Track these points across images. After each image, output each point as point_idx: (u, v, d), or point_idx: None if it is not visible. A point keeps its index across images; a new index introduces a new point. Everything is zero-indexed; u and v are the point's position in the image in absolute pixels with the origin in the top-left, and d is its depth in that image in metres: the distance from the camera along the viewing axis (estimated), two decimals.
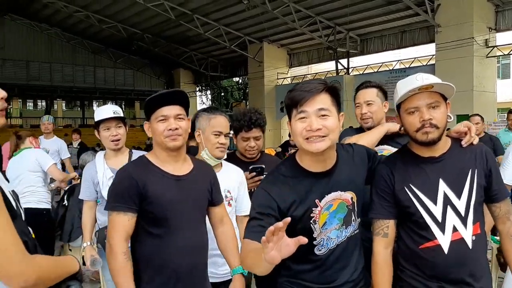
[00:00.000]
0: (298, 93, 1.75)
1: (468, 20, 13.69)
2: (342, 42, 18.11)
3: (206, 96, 32.26)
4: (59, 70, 25.59)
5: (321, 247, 1.84)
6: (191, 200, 2.11)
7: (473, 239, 1.84)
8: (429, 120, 1.82)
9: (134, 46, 23.77)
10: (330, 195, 1.83)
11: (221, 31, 19.52)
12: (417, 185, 1.89)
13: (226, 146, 2.57)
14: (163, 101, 2.08)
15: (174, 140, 2.07)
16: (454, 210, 1.85)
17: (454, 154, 1.92)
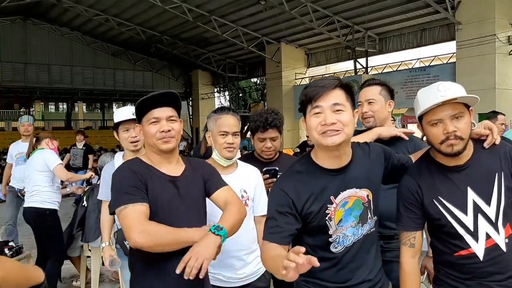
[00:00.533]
0: (313, 89, 1.77)
1: (490, 17, 13.41)
2: (360, 41, 17.95)
3: (224, 97, 32.38)
4: (79, 73, 25.93)
5: (337, 245, 1.84)
6: (187, 200, 2.07)
7: (506, 241, 1.85)
8: (454, 132, 1.79)
9: (153, 48, 23.97)
10: (346, 192, 1.83)
11: (239, 32, 19.55)
12: (446, 197, 1.87)
13: (235, 146, 2.54)
14: (154, 103, 2.05)
15: (166, 142, 2.05)
16: (485, 217, 1.85)
17: (478, 158, 1.89)
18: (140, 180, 1.98)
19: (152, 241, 1.86)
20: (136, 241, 1.85)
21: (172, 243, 1.91)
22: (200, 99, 26.91)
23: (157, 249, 1.90)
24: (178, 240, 1.92)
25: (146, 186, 1.98)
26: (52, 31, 24.63)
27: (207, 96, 27.30)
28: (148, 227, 1.87)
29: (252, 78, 28.27)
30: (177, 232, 1.93)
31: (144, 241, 1.85)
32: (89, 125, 31.52)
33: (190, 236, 1.95)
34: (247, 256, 2.59)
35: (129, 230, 1.86)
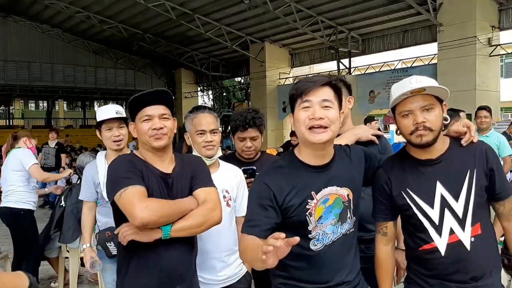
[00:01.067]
0: (303, 84, 1.82)
1: (471, 19, 13.59)
2: (343, 42, 18.04)
3: (208, 96, 32.25)
4: (60, 71, 25.58)
5: (316, 242, 1.85)
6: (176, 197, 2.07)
7: (472, 240, 1.85)
8: (423, 123, 1.82)
9: (135, 46, 23.74)
10: (327, 189, 1.86)
11: (222, 30, 19.47)
12: (413, 189, 1.90)
13: (214, 143, 2.53)
14: (147, 101, 2.08)
15: (158, 139, 2.06)
16: (452, 212, 1.86)
17: (452, 154, 1.91)
18: (137, 168, 2.03)
19: (157, 214, 1.90)
20: (142, 217, 1.87)
21: (174, 214, 1.98)
22: (183, 98, 26.74)
23: (161, 221, 1.93)
24: (178, 210, 1.99)
25: (142, 176, 2.01)
26: (33, 28, 24.24)
27: (190, 95, 27.15)
28: (150, 202, 1.92)
29: (236, 78, 28.22)
30: (176, 203, 2.01)
31: (149, 215, 1.87)
32: (70, 123, 31.13)
33: (187, 205, 2.04)
34: (228, 257, 2.55)
35: (132, 208, 1.88)
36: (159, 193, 2.04)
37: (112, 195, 1.98)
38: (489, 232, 1.91)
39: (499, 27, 14.33)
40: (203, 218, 2.03)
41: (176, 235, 1.98)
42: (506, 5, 14.28)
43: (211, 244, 2.43)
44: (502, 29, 14.44)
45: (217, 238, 2.45)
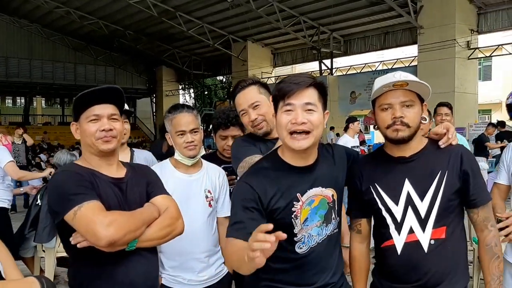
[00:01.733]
0: (287, 85, 1.73)
1: (451, 22, 13.82)
2: (326, 43, 18.13)
3: (189, 94, 32.07)
4: (38, 67, 25.16)
5: (302, 245, 1.81)
6: (132, 203, 1.90)
7: (431, 243, 1.79)
8: (400, 118, 1.78)
9: (116, 43, 23.49)
10: (312, 190, 1.81)
11: (205, 29, 19.37)
12: (381, 184, 1.86)
13: (196, 143, 2.42)
14: (95, 98, 1.86)
15: (107, 142, 1.85)
16: (415, 211, 1.81)
17: (426, 154, 1.87)
18: (87, 181, 1.81)
19: (123, 230, 1.71)
20: (107, 235, 1.67)
21: (140, 227, 1.79)
22: (164, 96, 26.55)
23: (127, 238, 1.73)
24: (143, 222, 1.82)
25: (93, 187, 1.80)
26: (11, 23, 23.78)
27: (172, 93, 26.97)
28: (112, 217, 1.71)
29: (218, 76, 28.15)
30: (140, 214, 1.83)
31: (114, 233, 1.68)
32: (48, 120, 30.58)
33: (151, 214, 1.87)
34: (209, 258, 2.51)
35: (94, 227, 1.66)
36: (116, 201, 1.85)
37: (61, 215, 1.74)
38: (456, 239, 1.83)
39: (477, 31, 14.62)
40: (169, 229, 1.91)
41: (141, 245, 1.83)
42: (485, 9, 14.56)
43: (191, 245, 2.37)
44: (481, 33, 14.74)
45: (198, 239, 2.38)
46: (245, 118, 2.36)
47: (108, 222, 1.69)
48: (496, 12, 14.52)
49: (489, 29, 14.69)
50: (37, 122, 29.61)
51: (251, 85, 2.37)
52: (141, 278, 1.88)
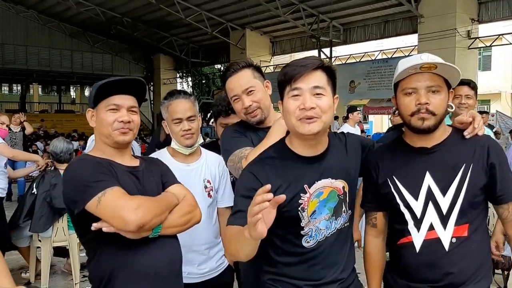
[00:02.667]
0: (293, 68, 1.62)
1: (451, 11, 13.70)
2: (325, 31, 17.98)
3: (187, 83, 31.88)
4: (35, 54, 24.92)
5: (309, 238, 1.71)
6: (148, 191, 1.85)
7: (452, 241, 1.68)
8: (426, 104, 1.65)
9: (113, 30, 23.26)
10: (321, 182, 1.70)
11: (203, 16, 19.17)
12: (400, 177, 1.74)
13: (193, 131, 2.34)
14: (118, 88, 1.82)
15: (124, 134, 1.82)
16: (436, 207, 1.69)
17: (450, 145, 1.73)
18: (106, 168, 1.77)
19: (150, 214, 1.67)
20: (137, 219, 1.63)
21: (164, 211, 1.77)
22: (162, 84, 26.39)
23: (154, 222, 1.70)
24: (167, 207, 1.79)
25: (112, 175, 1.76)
26: (6, 9, 23.48)
27: (169, 81, 26.81)
28: (139, 201, 1.68)
29: (216, 65, 27.95)
30: (163, 199, 1.81)
31: (143, 216, 1.64)
32: (45, 108, 30.39)
33: (172, 201, 1.84)
34: (209, 250, 2.44)
35: (121, 211, 1.62)
36: (135, 189, 1.81)
37: (82, 204, 1.69)
38: (479, 238, 1.72)
39: (478, 20, 14.50)
40: (189, 215, 1.88)
41: (164, 233, 1.79)
42: None
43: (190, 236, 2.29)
44: (481, 22, 14.63)
45: (197, 231, 2.28)
46: (237, 105, 2.19)
47: (136, 206, 1.65)
48: (497, 1, 14.39)
49: (490, 18, 14.58)
50: (33, 109, 29.41)
51: (244, 68, 2.19)
52: (167, 266, 1.82)
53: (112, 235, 1.67)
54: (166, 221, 1.78)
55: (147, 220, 1.66)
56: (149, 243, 1.76)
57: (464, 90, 3.21)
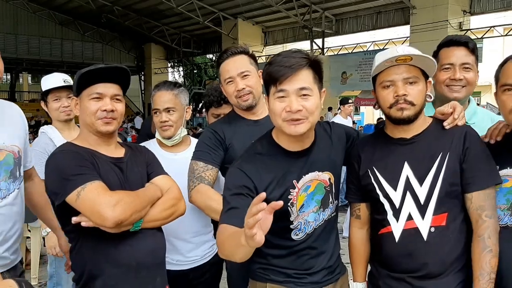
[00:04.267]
0: (277, 69, 1.61)
1: (443, 3, 13.73)
2: (317, 22, 17.95)
3: (178, 72, 31.70)
4: (24, 42, 24.61)
5: (298, 232, 1.75)
6: (132, 183, 1.85)
7: (431, 230, 1.69)
8: (404, 96, 1.66)
9: (104, 18, 23.01)
10: (308, 176, 1.73)
11: (194, 5, 19.02)
12: (380, 168, 1.77)
13: (170, 123, 2.33)
14: (100, 76, 1.80)
15: (107, 124, 1.80)
16: (414, 197, 1.71)
17: (429, 136, 1.75)
18: (87, 160, 1.75)
19: (129, 210, 1.67)
20: (115, 216, 1.62)
21: (145, 206, 1.77)
22: (153, 74, 26.22)
23: (133, 218, 1.70)
24: (148, 202, 1.79)
25: (94, 168, 1.74)
26: None
27: (161, 71, 26.64)
28: (118, 197, 1.67)
29: (208, 54, 27.80)
30: (142, 194, 1.79)
31: (121, 213, 1.64)
32: (35, 97, 30.08)
33: (154, 194, 1.84)
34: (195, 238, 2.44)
35: (99, 208, 1.62)
36: (118, 181, 1.80)
37: (62, 197, 1.68)
38: (459, 227, 1.71)
39: (470, 12, 14.55)
40: (173, 209, 1.88)
41: (145, 226, 1.79)
42: None
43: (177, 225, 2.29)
44: (473, 14, 14.69)
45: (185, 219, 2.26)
46: (230, 87, 2.19)
47: (115, 202, 1.64)
48: None
49: (482, 10, 14.64)
50: (23, 98, 29.11)
51: (242, 53, 2.20)
52: (149, 257, 1.82)
53: (92, 227, 1.67)
54: (148, 215, 1.78)
55: (125, 216, 1.65)
56: (130, 236, 1.75)
57: (457, 55, 2.10)
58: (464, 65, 2.07)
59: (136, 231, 1.77)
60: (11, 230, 1.91)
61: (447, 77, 2.07)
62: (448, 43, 2.10)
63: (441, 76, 2.09)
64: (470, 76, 2.06)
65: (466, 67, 2.07)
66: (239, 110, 2.24)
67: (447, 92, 2.08)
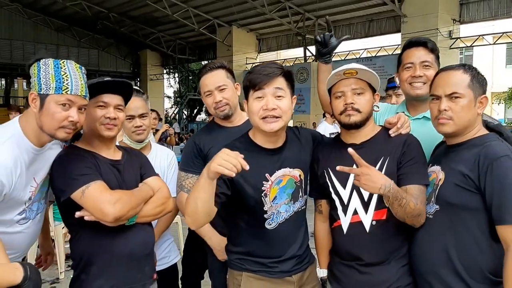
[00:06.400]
0: (256, 76, 1.89)
1: (434, 11, 13.99)
2: (311, 29, 18.16)
3: (174, 79, 31.85)
4: (20, 48, 24.61)
5: (271, 221, 1.98)
6: (128, 184, 2.07)
7: (372, 223, 1.94)
8: (351, 104, 1.93)
9: (99, 25, 23.12)
10: (280, 171, 1.98)
11: (190, 13, 19.22)
12: (333, 169, 1.99)
13: (144, 128, 2.52)
14: (106, 88, 2.02)
15: (109, 129, 2.02)
16: (359, 195, 1.97)
17: (376, 142, 2.01)
18: (90, 162, 1.97)
19: (127, 207, 1.90)
20: (114, 212, 1.85)
21: (140, 204, 2.00)
22: (148, 80, 26.33)
23: (130, 214, 1.93)
24: (142, 200, 2.02)
25: (96, 169, 1.96)
26: None
27: (156, 77, 26.76)
28: (118, 196, 1.90)
29: (203, 61, 27.93)
30: (139, 193, 2.03)
31: (120, 210, 1.86)
32: None
33: (147, 193, 2.07)
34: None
35: (101, 205, 1.84)
36: (115, 181, 2.02)
37: (68, 193, 1.88)
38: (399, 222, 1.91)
39: (459, 21, 14.82)
40: (163, 207, 2.12)
41: (139, 221, 2.03)
42: (467, 0, 14.75)
43: None
44: (463, 23, 14.95)
45: None
46: (209, 99, 2.42)
47: (115, 200, 1.87)
48: (478, 2, 14.72)
49: (471, 19, 14.90)
50: (18, 104, 29.10)
51: (219, 68, 2.45)
52: (139, 248, 2.05)
53: (92, 221, 1.89)
54: (141, 211, 2.01)
55: (123, 213, 1.88)
56: (125, 229, 1.98)
57: (417, 55, 2.23)
58: (423, 63, 2.20)
59: (131, 225, 1.99)
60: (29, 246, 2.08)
61: (409, 75, 2.22)
62: (409, 45, 2.28)
63: (403, 75, 2.25)
64: (430, 73, 2.15)
65: (426, 65, 2.20)
66: (218, 119, 2.48)
67: (410, 89, 2.23)
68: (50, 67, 1.79)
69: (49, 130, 1.79)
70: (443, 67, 1.97)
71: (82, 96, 1.82)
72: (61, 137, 1.83)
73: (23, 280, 1.47)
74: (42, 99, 1.77)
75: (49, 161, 1.97)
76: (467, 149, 1.83)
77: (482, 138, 1.84)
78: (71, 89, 1.78)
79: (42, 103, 1.77)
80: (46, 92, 1.77)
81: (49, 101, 1.77)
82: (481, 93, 1.86)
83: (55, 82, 1.77)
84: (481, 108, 1.86)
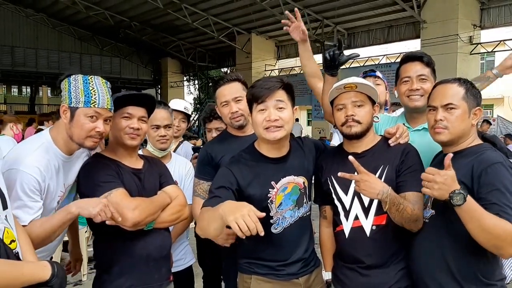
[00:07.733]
0: (259, 90, 2.01)
1: (453, 17, 13.85)
2: (329, 36, 18.17)
3: (194, 86, 32.15)
4: (44, 56, 25.22)
5: (277, 226, 2.08)
6: (148, 191, 2.20)
7: (372, 228, 2.05)
8: (352, 115, 2.04)
9: (121, 33, 23.53)
10: (285, 179, 2.09)
11: (209, 21, 19.45)
12: (336, 176, 2.09)
13: (168, 138, 2.69)
14: (131, 100, 2.16)
15: (133, 139, 2.16)
16: (360, 201, 2.07)
17: (376, 152, 2.11)
18: (114, 170, 2.11)
19: (145, 214, 2.04)
20: (134, 217, 1.99)
21: (157, 211, 2.15)
22: (169, 87, 26.68)
23: (148, 220, 2.07)
24: (160, 207, 2.16)
25: (119, 177, 2.11)
26: (16, 12, 23.82)
27: (176, 84, 27.08)
28: (137, 203, 2.03)
29: (222, 68, 28.18)
30: (157, 200, 2.17)
31: (138, 216, 2.01)
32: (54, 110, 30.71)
33: (165, 201, 2.20)
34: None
35: (122, 210, 1.96)
36: (136, 189, 2.15)
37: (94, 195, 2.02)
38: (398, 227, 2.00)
39: (480, 26, 14.62)
40: (179, 214, 2.26)
41: (156, 227, 2.17)
42: (488, 5, 14.57)
43: None
44: (483, 28, 14.74)
45: None
46: (225, 109, 2.52)
47: (134, 207, 2.01)
48: (499, 7, 14.52)
49: (492, 24, 14.70)
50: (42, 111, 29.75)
51: (236, 81, 2.57)
52: (157, 251, 2.18)
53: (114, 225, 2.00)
54: (159, 218, 2.15)
55: (142, 218, 2.02)
56: (143, 233, 2.12)
57: (414, 69, 2.33)
58: (420, 77, 2.30)
59: (149, 229, 2.13)
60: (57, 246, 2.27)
61: (406, 89, 2.32)
62: (406, 60, 2.39)
63: (401, 89, 2.36)
64: (426, 86, 2.26)
65: (422, 78, 2.30)
66: (231, 129, 2.58)
67: (408, 102, 2.34)
68: (79, 83, 1.97)
69: (78, 139, 1.97)
70: (440, 80, 2.08)
71: (108, 109, 1.99)
72: (89, 146, 2.01)
73: (51, 277, 1.55)
74: (72, 111, 1.95)
75: (76, 168, 2.13)
76: (463, 158, 1.90)
77: (477, 148, 1.93)
78: (98, 102, 1.95)
79: (72, 115, 1.96)
80: (76, 105, 1.94)
81: (78, 114, 1.95)
82: (475, 105, 1.96)
83: (84, 96, 1.94)
84: (475, 119, 1.96)
